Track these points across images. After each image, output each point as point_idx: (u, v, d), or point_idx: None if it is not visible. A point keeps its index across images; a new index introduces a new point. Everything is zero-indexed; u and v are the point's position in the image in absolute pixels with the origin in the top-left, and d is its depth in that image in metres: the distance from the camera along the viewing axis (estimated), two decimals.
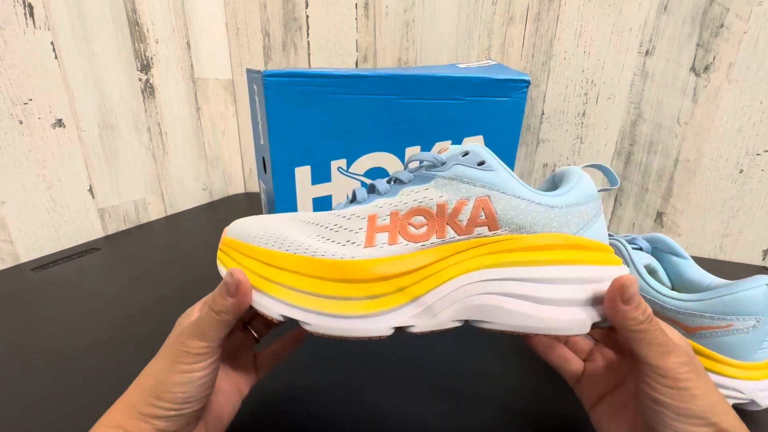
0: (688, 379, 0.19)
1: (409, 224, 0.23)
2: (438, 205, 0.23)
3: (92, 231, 0.62)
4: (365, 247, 0.22)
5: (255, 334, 0.29)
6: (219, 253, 0.25)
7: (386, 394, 0.33)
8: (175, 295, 0.46)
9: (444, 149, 0.26)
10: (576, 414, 0.31)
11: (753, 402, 0.29)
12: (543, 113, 0.64)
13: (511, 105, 0.46)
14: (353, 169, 0.44)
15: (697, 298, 0.30)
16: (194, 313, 0.25)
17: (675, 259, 0.35)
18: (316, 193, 0.44)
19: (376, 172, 0.45)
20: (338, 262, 0.22)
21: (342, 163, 0.44)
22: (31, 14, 0.50)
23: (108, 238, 0.62)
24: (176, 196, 0.75)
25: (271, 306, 0.22)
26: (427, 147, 0.46)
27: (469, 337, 0.39)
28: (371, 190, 0.26)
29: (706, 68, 0.55)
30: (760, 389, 0.28)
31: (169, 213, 0.74)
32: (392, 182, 0.26)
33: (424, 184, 0.24)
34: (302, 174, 0.43)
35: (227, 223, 0.27)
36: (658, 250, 0.36)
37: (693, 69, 0.56)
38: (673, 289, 0.34)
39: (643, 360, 0.20)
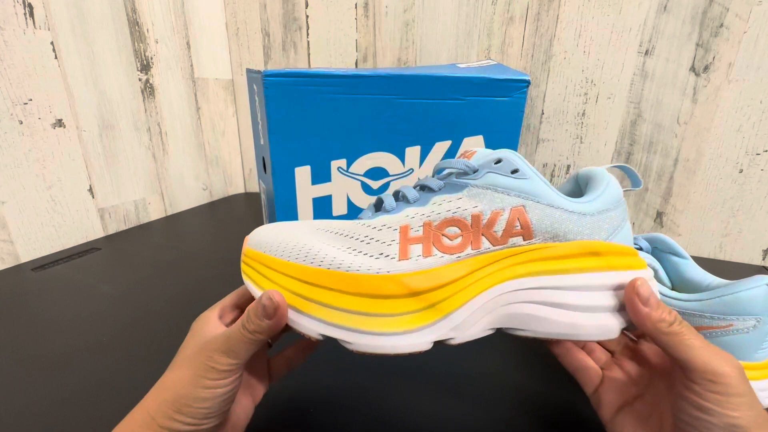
0: (739, 385, 0.18)
1: (443, 235, 0.22)
2: (473, 215, 0.22)
3: (92, 231, 0.62)
4: (399, 260, 0.22)
5: (269, 340, 0.28)
6: (243, 266, 0.25)
7: (386, 394, 0.33)
8: (176, 295, 0.46)
9: (470, 154, 0.25)
10: (580, 415, 0.31)
11: None
12: (543, 113, 0.64)
13: (511, 105, 0.46)
14: (353, 169, 0.44)
15: (697, 298, 0.29)
16: (211, 319, 0.24)
17: (675, 259, 0.35)
18: (316, 193, 0.44)
19: (376, 172, 0.45)
20: (374, 277, 0.21)
21: (342, 163, 0.44)
22: (31, 14, 0.50)
23: (108, 238, 0.62)
24: (176, 196, 0.75)
25: (309, 325, 0.21)
26: (427, 147, 0.46)
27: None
28: (398, 197, 0.25)
29: (706, 68, 0.55)
30: (760, 389, 0.28)
31: (169, 213, 0.74)
32: (421, 190, 0.25)
33: (456, 192, 0.23)
34: (302, 174, 0.43)
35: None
36: (658, 250, 0.36)
37: (693, 69, 0.56)
38: (673, 289, 0.34)
39: (688, 365, 0.19)
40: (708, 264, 0.40)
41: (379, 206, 0.26)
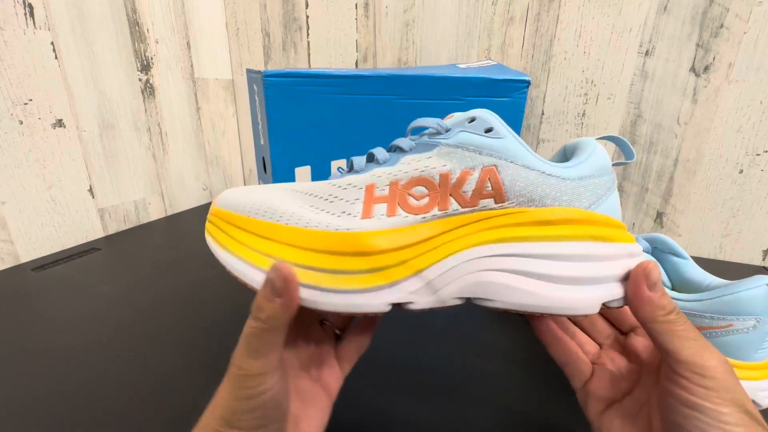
0: (727, 379, 0.17)
1: (409, 195, 0.21)
2: (441, 174, 0.21)
3: (92, 231, 0.62)
4: (362, 219, 0.21)
5: (336, 331, 0.26)
6: (207, 225, 0.23)
7: (384, 393, 0.33)
8: (176, 296, 0.46)
9: (449, 117, 0.24)
10: (574, 414, 0.31)
11: (753, 402, 0.29)
12: (543, 113, 0.64)
13: (511, 105, 0.46)
14: None
15: (697, 298, 0.30)
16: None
17: (675, 259, 0.35)
18: None
19: None
20: (332, 234, 0.20)
21: (342, 163, 0.44)
22: (31, 14, 0.50)
23: (108, 238, 0.62)
24: (176, 196, 0.75)
25: (261, 280, 0.20)
26: None
27: (467, 336, 0.39)
28: (370, 158, 0.24)
29: (706, 68, 0.55)
30: (760, 389, 0.28)
31: (169, 213, 0.74)
32: (393, 150, 0.24)
33: (427, 152, 0.22)
34: (302, 174, 0.43)
35: None
36: (658, 250, 0.36)
37: (693, 69, 0.56)
38: (673, 289, 0.34)
39: (677, 357, 0.18)
40: (708, 264, 0.40)
41: (351, 167, 0.25)
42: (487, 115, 0.22)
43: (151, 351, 0.37)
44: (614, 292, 0.20)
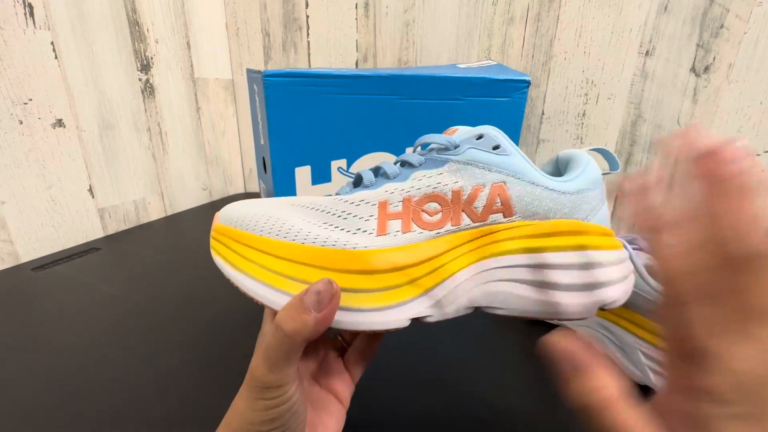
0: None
1: (422, 211, 0.22)
2: (453, 191, 0.22)
3: (92, 231, 0.61)
4: (378, 236, 0.21)
5: (343, 343, 0.27)
6: (213, 242, 0.24)
7: (381, 389, 0.33)
8: (175, 295, 0.46)
9: (453, 131, 0.25)
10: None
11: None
12: (543, 113, 0.64)
13: (511, 105, 0.46)
14: (353, 169, 0.44)
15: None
16: (265, 326, 0.22)
17: None
18: (316, 194, 0.44)
19: None
20: (350, 252, 0.21)
21: (342, 163, 0.44)
22: (31, 14, 0.50)
23: (108, 238, 0.62)
24: (176, 196, 0.75)
25: (282, 302, 0.20)
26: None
27: (464, 331, 0.39)
28: (378, 173, 0.25)
29: (706, 69, 0.55)
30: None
31: (169, 213, 0.74)
32: (401, 165, 0.25)
33: (437, 168, 0.23)
34: (302, 174, 0.43)
35: None
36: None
37: (693, 69, 0.56)
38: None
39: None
40: None
41: (358, 182, 0.25)
42: (494, 132, 0.23)
43: (150, 351, 0.37)
44: (609, 295, 0.22)
